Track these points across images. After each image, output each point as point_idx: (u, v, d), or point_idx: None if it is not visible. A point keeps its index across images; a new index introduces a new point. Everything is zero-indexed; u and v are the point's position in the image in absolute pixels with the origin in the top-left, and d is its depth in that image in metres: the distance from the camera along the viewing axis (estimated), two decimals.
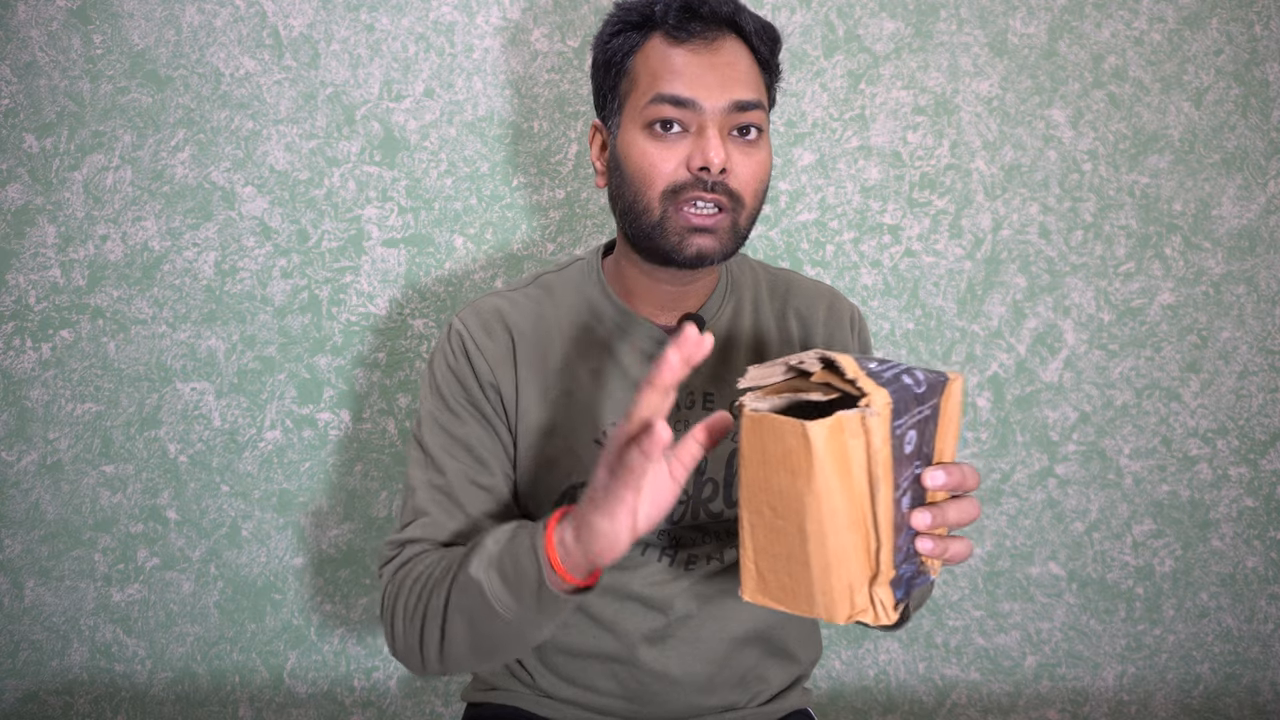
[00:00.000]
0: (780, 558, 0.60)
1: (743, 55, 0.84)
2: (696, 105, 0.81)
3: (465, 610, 0.75)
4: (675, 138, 0.82)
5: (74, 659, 1.30)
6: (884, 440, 0.56)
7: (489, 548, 0.75)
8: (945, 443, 0.63)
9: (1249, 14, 1.29)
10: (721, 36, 0.83)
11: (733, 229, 0.84)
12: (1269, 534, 1.35)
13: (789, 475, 0.57)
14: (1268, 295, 1.32)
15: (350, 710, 1.32)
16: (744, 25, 0.83)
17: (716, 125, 0.81)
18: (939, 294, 1.31)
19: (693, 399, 0.91)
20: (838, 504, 0.56)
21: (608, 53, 0.86)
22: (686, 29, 0.81)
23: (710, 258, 0.83)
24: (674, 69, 0.81)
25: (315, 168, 1.25)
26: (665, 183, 0.82)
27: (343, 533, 1.30)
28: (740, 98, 0.82)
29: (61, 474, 1.27)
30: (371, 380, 1.29)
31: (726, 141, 0.82)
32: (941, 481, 0.62)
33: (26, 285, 1.25)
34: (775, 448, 0.57)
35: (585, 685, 0.92)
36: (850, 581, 0.58)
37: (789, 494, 0.57)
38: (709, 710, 0.93)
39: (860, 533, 0.58)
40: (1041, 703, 1.36)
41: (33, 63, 1.22)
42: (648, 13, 0.83)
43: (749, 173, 0.83)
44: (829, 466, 0.55)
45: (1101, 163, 1.30)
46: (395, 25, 1.24)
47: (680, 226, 0.82)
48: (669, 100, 0.81)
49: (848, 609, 0.59)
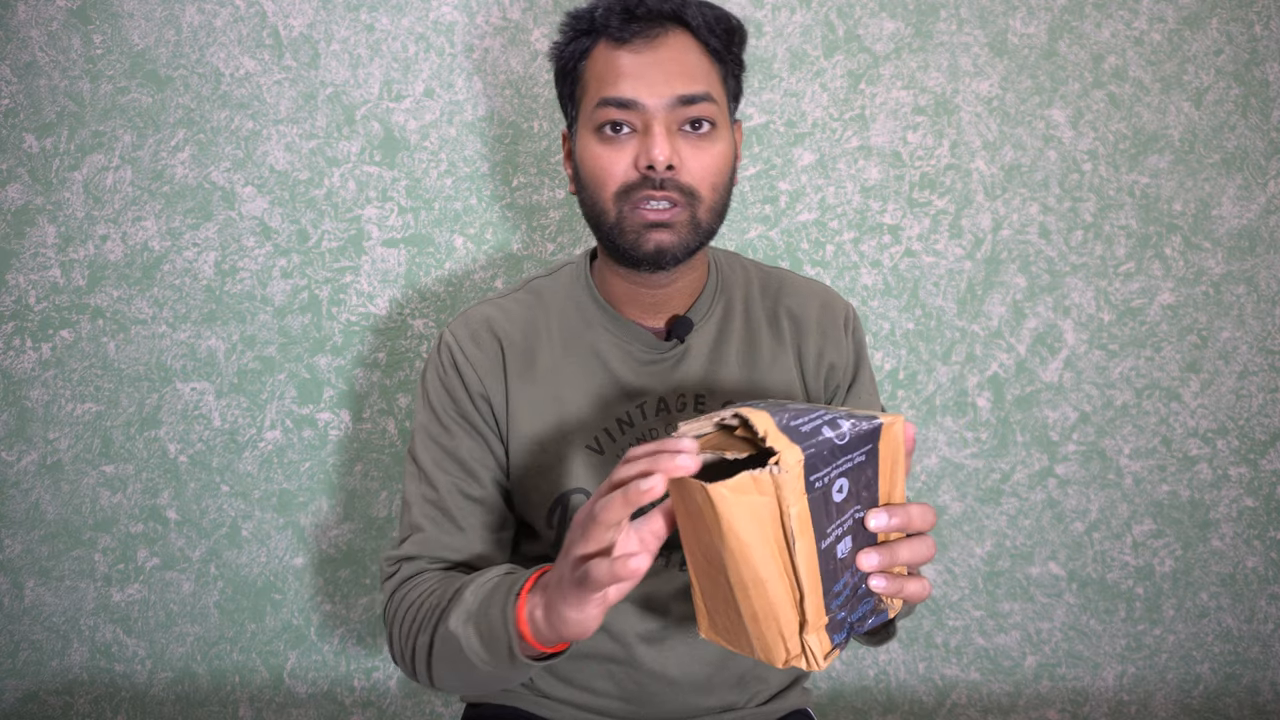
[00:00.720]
0: (720, 602, 0.61)
1: (690, 49, 0.83)
2: (639, 105, 0.81)
3: (447, 658, 0.77)
4: (624, 139, 0.82)
5: (74, 659, 1.30)
6: (798, 495, 0.56)
7: (468, 601, 0.76)
8: (891, 484, 0.63)
9: (1249, 14, 1.29)
10: (664, 33, 0.82)
11: (691, 223, 0.84)
12: (1269, 534, 1.35)
13: (707, 532, 0.58)
14: (1268, 295, 1.32)
15: (350, 710, 1.32)
16: (689, 19, 0.83)
17: (662, 123, 0.81)
18: (939, 294, 1.31)
19: (684, 402, 0.91)
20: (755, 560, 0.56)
21: (561, 61, 0.88)
22: (627, 30, 0.82)
23: (670, 252, 0.83)
24: (617, 71, 0.82)
25: (315, 168, 1.25)
26: (617, 184, 0.83)
27: (343, 533, 1.30)
28: (683, 92, 0.81)
29: (61, 474, 1.27)
30: (371, 380, 1.29)
31: (675, 137, 0.82)
32: (885, 523, 0.62)
33: (26, 285, 1.25)
34: (693, 507, 0.58)
35: (583, 686, 0.93)
36: (781, 630, 0.59)
37: (711, 547, 0.58)
38: (707, 710, 0.93)
39: (783, 582, 0.58)
40: (1041, 703, 1.36)
41: (33, 63, 1.22)
42: (591, 19, 0.84)
43: (701, 166, 0.83)
44: (739, 524, 0.55)
45: (1101, 163, 1.30)
46: (395, 25, 1.24)
47: (636, 224, 0.83)
48: (613, 103, 0.81)
49: (783, 654, 0.60)
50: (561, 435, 0.89)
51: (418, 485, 0.89)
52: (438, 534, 0.87)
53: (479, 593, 0.75)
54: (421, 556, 0.87)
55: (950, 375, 1.32)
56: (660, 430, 0.90)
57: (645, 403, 0.90)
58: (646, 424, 0.90)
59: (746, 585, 0.58)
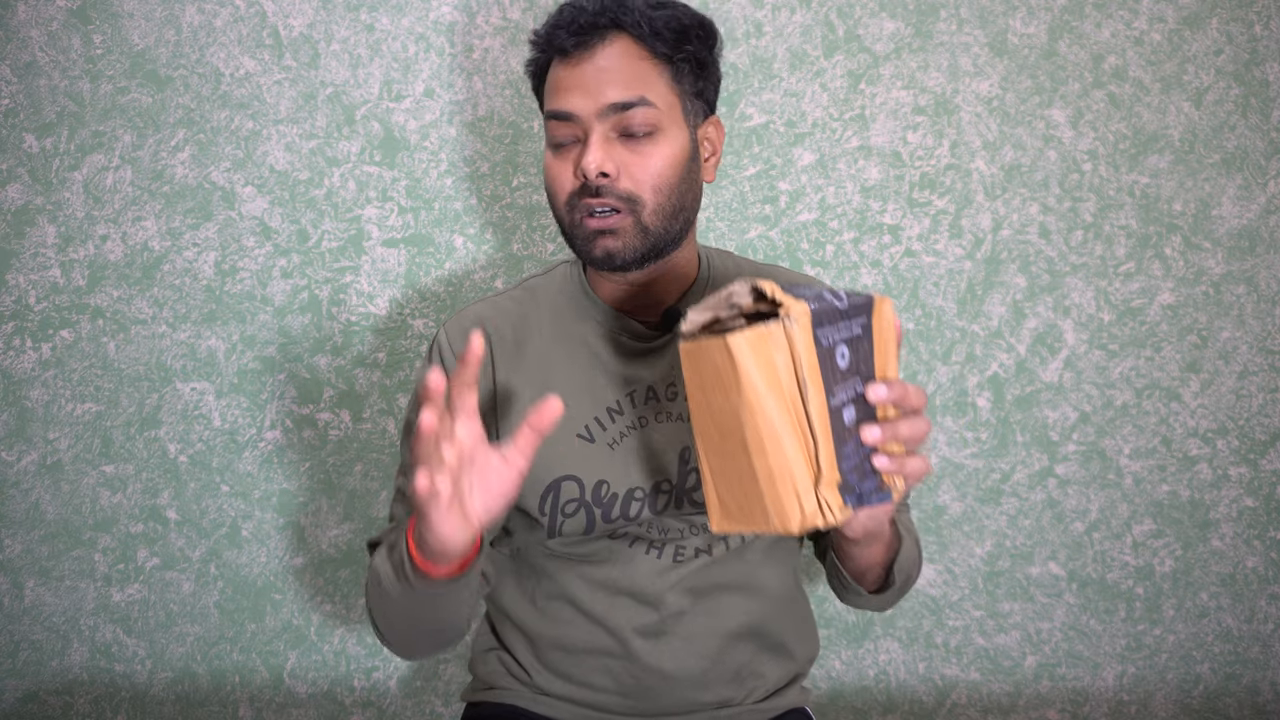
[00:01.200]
0: (733, 478, 0.64)
1: (629, 54, 0.83)
2: (573, 116, 0.84)
3: (380, 597, 0.82)
4: (569, 149, 0.85)
5: (74, 659, 1.30)
6: (807, 346, 0.60)
7: (389, 539, 0.83)
8: (885, 362, 0.67)
9: (1249, 14, 1.29)
10: (601, 42, 0.83)
11: (637, 228, 0.85)
12: (1269, 534, 1.35)
13: (723, 393, 0.61)
14: (1268, 295, 1.32)
15: (350, 710, 1.33)
16: (627, 24, 0.83)
17: (598, 132, 0.83)
18: (939, 294, 1.31)
19: (674, 391, 0.92)
20: (770, 411, 0.60)
21: (532, 80, 0.92)
22: (565, 44, 0.84)
23: (618, 256, 0.85)
24: (556, 85, 0.85)
25: (315, 168, 1.25)
26: (565, 194, 0.86)
27: (343, 533, 1.30)
28: (614, 99, 0.82)
29: (61, 474, 1.27)
30: (371, 380, 1.29)
31: (613, 145, 0.84)
32: (884, 395, 0.65)
33: (26, 285, 1.25)
34: (708, 370, 0.62)
35: (581, 681, 0.93)
36: (796, 487, 0.61)
37: (727, 411, 0.61)
38: (704, 706, 0.93)
39: (798, 438, 0.61)
40: (1041, 703, 1.36)
41: (33, 63, 1.22)
42: (544, 37, 0.87)
43: (641, 171, 0.84)
44: (755, 375, 0.59)
45: (1101, 163, 1.30)
46: (395, 25, 1.24)
47: (585, 232, 0.85)
48: (553, 116, 0.85)
49: (798, 516, 0.62)
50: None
51: (399, 477, 0.94)
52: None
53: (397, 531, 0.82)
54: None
55: (950, 375, 1.32)
56: (650, 419, 0.91)
57: (634, 391, 0.91)
58: (636, 411, 0.91)
59: (763, 441, 0.60)
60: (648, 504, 0.89)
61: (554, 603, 0.93)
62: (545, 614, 0.94)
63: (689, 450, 0.91)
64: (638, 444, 0.90)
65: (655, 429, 0.91)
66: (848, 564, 0.87)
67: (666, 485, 0.90)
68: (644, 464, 0.90)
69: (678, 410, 0.92)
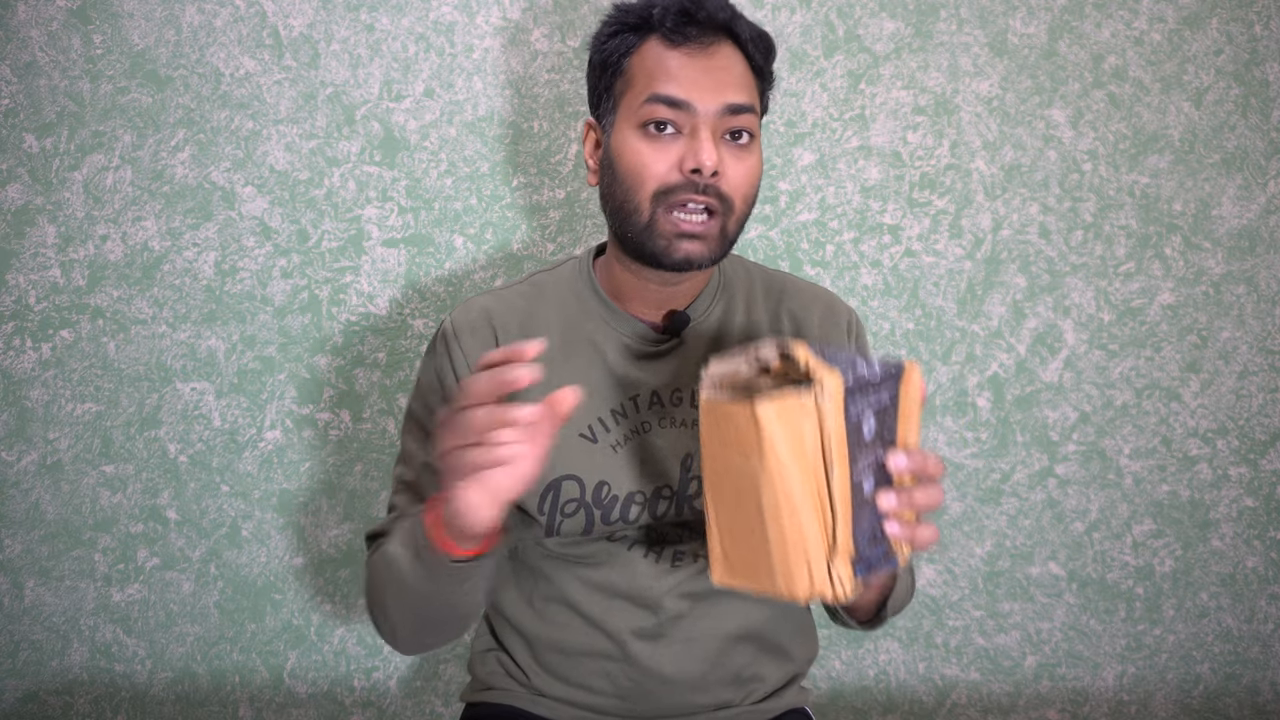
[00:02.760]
0: (741, 535, 0.63)
1: (737, 61, 0.85)
2: (690, 107, 0.82)
3: (394, 583, 0.81)
4: (669, 139, 0.83)
5: (74, 659, 1.30)
6: (837, 421, 0.58)
7: (405, 524, 0.82)
8: (908, 430, 0.66)
9: (1249, 14, 1.29)
10: (717, 41, 0.84)
11: (721, 234, 0.85)
12: (1269, 534, 1.35)
13: (743, 456, 0.59)
14: (1268, 295, 1.32)
15: (350, 710, 1.33)
16: (739, 32, 0.85)
17: (709, 127, 0.82)
18: (939, 294, 1.31)
19: (679, 397, 0.91)
20: (792, 482, 0.58)
21: (604, 53, 0.88)
22: (683, 32, 0.82)
23: (698, 263, 0.84)
24: (669, 71, 0.82)
25: (315, 168, 1.25)
26: (657, 183, 0.83)
27: (343, 533, 1.30)
28: (733, 101, 0.83)
29: (61, 474, 1.27)
30: (371, 380, 1.29)
31: (719, 144, 0.83)
32: (904, 465, 0.64)
33: (26, 285, 1.25)
34: (729, 431, 0.60)
35: (579, 684, 0.93)
36: (808, 558, 0.60)
37: (745, 473, 0.60)
38: (703, 708, 0.93)
39: (816, 510, 0.59)
40: (1041, 703, 1.36)
41: (33, 63, 1.22)
42: (645, 15, 0.85)
43: (740, 176, 0.84)
44: (780, 445, 0.57)
45: (1101, 163, 1.30)
46: (395, 25, 1.24)
47: (669, 231, 0.83)
48: (664, 101, 0.82)
49: (807, 586, 0.61)
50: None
51: (400, 466, 0.94)
52: (411, 513, 0.89)
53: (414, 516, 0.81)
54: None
55: (950, 375, 1.32)
56: (654, 424, 0.90)
57: (639, 394, 0.91)
58: (640, 416, 0.91)
59: (779, 510, 0.59)
60: (648, 509, 0.89)
61: (552, 605, 0.93)
62: (543, 616, 0.94)
63: (691, 457, 0.90)
64: (641, 448, 0.90)
65: (659, 434, 0.91)
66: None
67: (668, 491, 0.90)
68: (646, 468, 0.90)
69: (682, 416, 0.91)
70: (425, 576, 0.77)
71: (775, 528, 0.60)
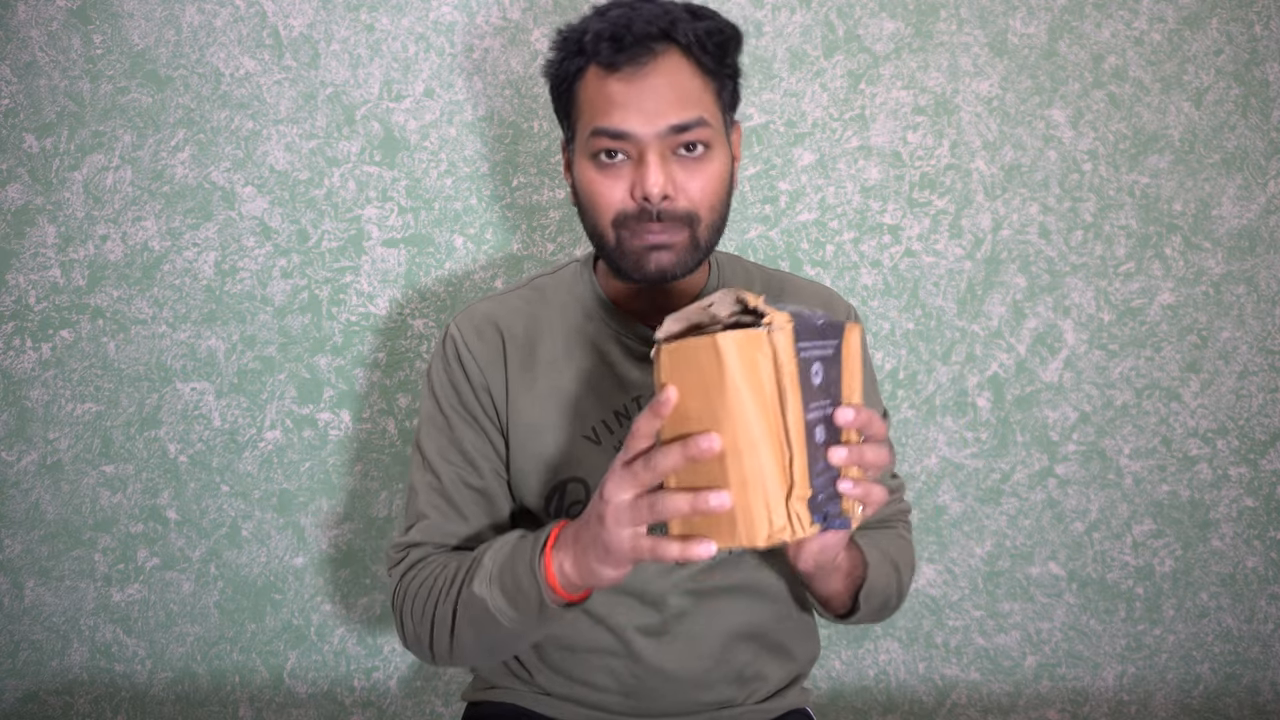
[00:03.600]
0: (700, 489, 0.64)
1: (681, 70, 0.81)
2: (631, 135, 0.80)
3: (471, 621, 0.81)
4: (619, 165, 0.82)
5: (74, 659, 1.30)
6: (789, 356, 0.60)
7: (487, 565, 0.80)
8: (850, 387, 0.68)
9: (1249, 14, 1.29)
10: (654, 57, 0.80)
11: (691, 243, 0.84)
12: (1269, 534, 1.35)
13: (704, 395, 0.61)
14: (1268, 295, 1.32)
15: (350, 710, 1.33)
16: (679, 38, 0.81)
17: (656, 151, 0.80)
18: (939, 294, 1.31)
19: None
20: (750, 416, 0.60)
21: (555, 80, 0.87)
22: (617, 57, 0.80)
23: (671, 272, 0.84)
24: (608, 99, 0.81)
25: (315, 168, 1.25)
26: (613, 212, 0.83)
27: (343, 533, 1.30)
28: (676, 121, 0.80)
29: (61, 474, 1.27)
30: (371, 380, 1.29)
31: (669, 164, 0.81)
32: (850, 418, 0.65)
33: (26, 285, 1.25)
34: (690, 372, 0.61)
35: (583, 681, 0.93)
36: (767, 499, 0.61)
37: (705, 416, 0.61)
38: (706, 706, 0.93)
39: (774, 447, 0.61)
40: (1041, 703, 1.36)
41: (33, 63, 1.22)
42: (580, 43, 0.82)
43: (698, 189, 0.83)
44: (739, 376, 0.59)
45: (1101, 163, 1.30)
46: (395, 25, 1.24)
47: (636, 248, 0.83)
48: (605, 133, 0.81)
49: (766, 528, 0.61)
50: (560, 425, 0.90)
51: (423, 474, 0.92)
52: (442, 521, 0.90)
53: (498, 556, 0.79)
54: (427, 543, 0.90)
55: (950, 375, 1.32)
56: None
57: (642, 396, 0.91)
58: None
59: (740, 448, 0.60)
60: None
61: None
62: None
63: None
64: None
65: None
66: (810, 587, 0.88)
67: None
68: None
69: None
70: (524, 621, 0.77)
71: (735, 467, 0.61)
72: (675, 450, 0.62)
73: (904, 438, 1.32)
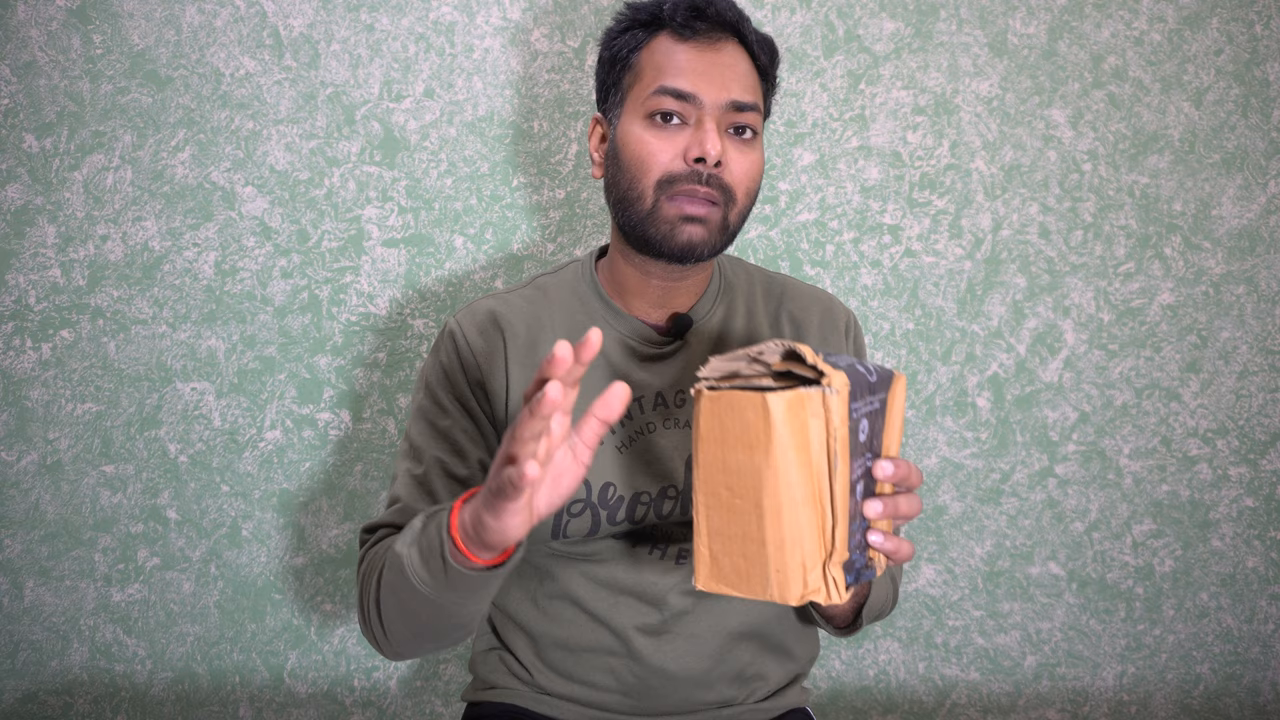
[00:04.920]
0: (735, 539, 0.61)
1: (743, 60, 0.88)
2: (697, 99, 0.84)
3: (394, 587, 0.77)
4: (674, 129, 0.85)
5: (74, 659, 1.30)
6: (842, 420, 0.58)
7: (414, 525, 0.77)
8: (891, 438, 0.66)
9: (1249, 14, 1.29)
10: (724, 39, 0.86)
11: (723, 223, 0.86)
12: (1269, 534, 1.35)
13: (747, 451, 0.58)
14: (1268, 295, 1.32)
15: (350, 710, 1.33)
16: (746, 33, 0.88)
17: (714, 120, 0.84)
18: (939, 294, 1.31)
19: (683, 398, 0.92)
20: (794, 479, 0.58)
21: (614, 48, 0.90)
22: (692, 27, 0.85)
23: (698, 249, 0.85)
24: (678, 64, 0.85)
25: (315, 168, 1.25)
26: (661, 172, 0.85)
27: (343, 533, 1.30)
28: (739, 98, 0.85)
29: (61, 474, 1.27)
30: (371, 380, 1.29)
31: (723, 137, 0.85)
32: (890, 472, 0.64)
33: (26, 285, 1.25)
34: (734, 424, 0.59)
35: (583, 680, 0.93)
36: (804, 560, 0.59)
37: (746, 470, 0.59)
38: (706, 706, 0.93)
39: (816, 510, 0.59)
40: (1041, 703, 1.36)
41: (33, 63, 1.22)
42: (656, 11, 0.87)
43: (743, 170, 0.86)
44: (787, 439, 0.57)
45: (1101, 163, 1.30)
46: (395, 25, 1.24)
47: (672, 215, 0.85)
48: (671, 93, 0.84)
49: (800, 588, 0.60)
50: None
51: (406, 460, 0.92)
52: (417, 506, 0.89)
53: (423, 517, 0.77)
54: (397, 525, 0.88)
55: (950, 375, 1.32)
56: (658, 425, 0.91)
57: (643, 396, 0.92)
58: (644, 417, 0.91)
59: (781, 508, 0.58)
60: (653, 509, 0.90)
61: (556, 602, 0.93)
62: (547, 613, 0.94)
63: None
64: (646, 449, 0.91)
65: (664, 434, 0.91)
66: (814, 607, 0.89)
67: (673, 491, 0.90)
68: (651, 469, 0.90)
69: (685, 417, 0.92)
70: (434, 582, 0.73)
71: (774, 526, 0.59)
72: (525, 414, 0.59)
73: (904, 438, 1.32)
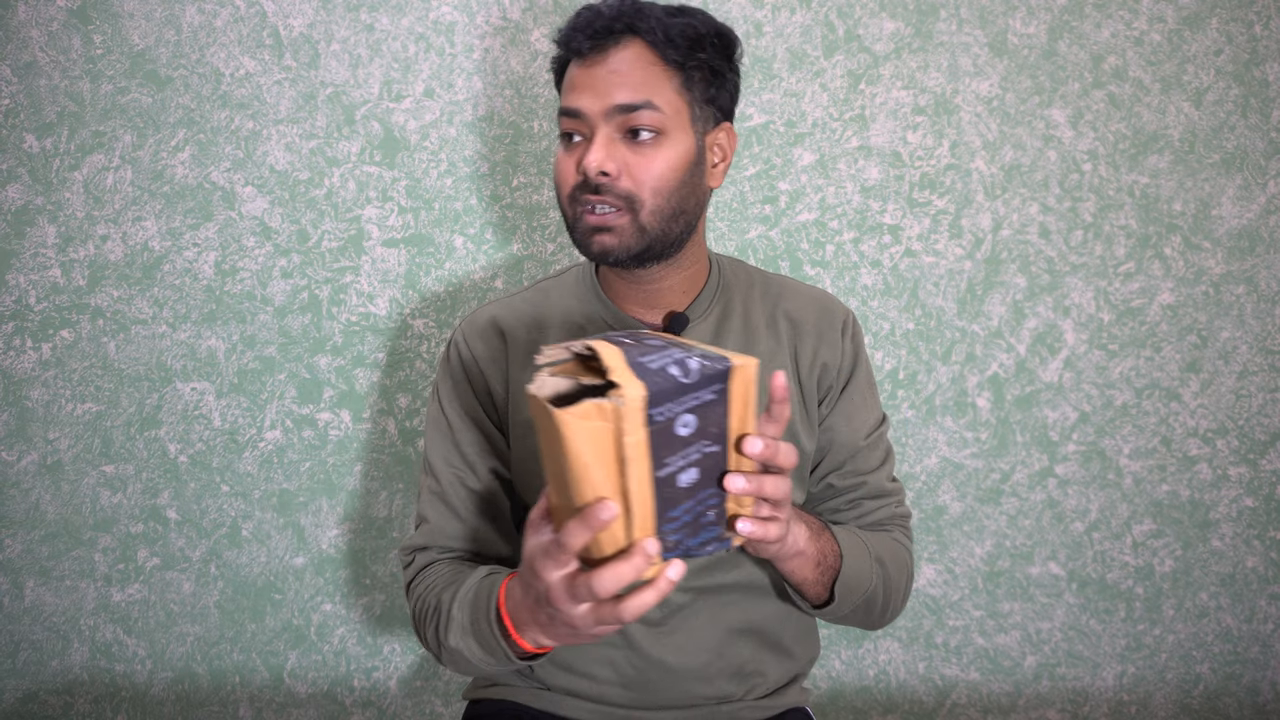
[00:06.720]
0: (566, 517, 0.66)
1: (641, 58, 0.85)
2: (580, 113, 0.86)
3: (459, 664, 0.86)
4: (576, 146, 0.87)
5: (74, 659, 1.30)
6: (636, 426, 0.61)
7: (457, 618, 0.83)
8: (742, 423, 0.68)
9: (1249, 14, 1.29)
10: (616, 45, 0.85)
11: (634, 226, 0.86)
12: (1269, 534, 1.35)
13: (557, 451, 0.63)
14: (1268, 295, 1.32)
15: (350, 710, 1.33)
16: (642, 29, 0.85)
17: (604, 131, 0.85)
18: (939, 294, 1.31)
19: None
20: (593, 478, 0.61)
21: (555, 78, 0.94)
22: (581, 46, 0.86)
23: (612, 254, 0.86)
24: (570, 83, 0.88)
25: (315, 168, 1.25)
26: (568, 187, 0.88)
27: (343, 533, 1.30)
28: (620, 101, 0.84)
29: (61, 474, 1.27)
30: (371, 380, 1.29)
31: (617, 146, 0.85)
32: (758, 450, 0.67)
33: (26, 285, 1.25)
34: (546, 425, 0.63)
35: (583, 673, 0.94)
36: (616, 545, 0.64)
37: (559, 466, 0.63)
38: (705, 700, 0.94)
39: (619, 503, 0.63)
40: (1041, 703, 1.36)
41: (33, 63, 1.22)
42: (561, 41, 0.89)
43: (642, 173, 0.85)
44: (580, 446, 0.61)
45: (1101, 163, 1.30)
46: (395, 25, 1.24)
47: (584, 227, 0.87)
48: (565, 113, 0.87)
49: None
50: None
51: (426, 477, 0.97)
52: (442, 524, 0.95)
53: (465, 607, 0.83)
54: (431, 546, 0.95)
55: (950, 375, 1.32)
56: None
57: None
58: None
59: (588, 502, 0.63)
60: None
61: None
62: None
63: None
64: None
65: None
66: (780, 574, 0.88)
67: None
68: None
69: None
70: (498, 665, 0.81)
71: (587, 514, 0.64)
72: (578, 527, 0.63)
73: (904, 438, 1.32)
